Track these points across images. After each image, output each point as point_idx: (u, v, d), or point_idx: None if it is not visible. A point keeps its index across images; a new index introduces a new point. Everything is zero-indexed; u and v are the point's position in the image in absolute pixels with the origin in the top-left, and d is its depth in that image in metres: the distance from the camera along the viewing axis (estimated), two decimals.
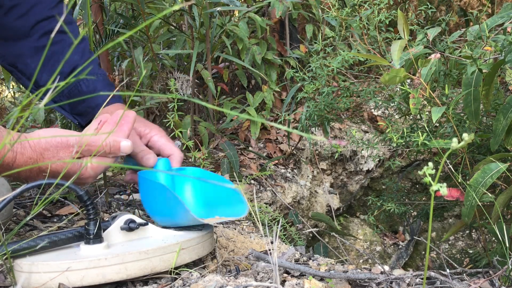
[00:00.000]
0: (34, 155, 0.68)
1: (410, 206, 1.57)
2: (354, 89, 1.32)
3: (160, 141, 0.90)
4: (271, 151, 1.93)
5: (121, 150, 0.74)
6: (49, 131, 0.71)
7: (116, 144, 0.74)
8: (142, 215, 1.12)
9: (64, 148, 0.70)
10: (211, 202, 0.87)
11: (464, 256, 2.11)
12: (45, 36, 0.93)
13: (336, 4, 1.23)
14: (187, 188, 0.90)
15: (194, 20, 1.66)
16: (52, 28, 0.93)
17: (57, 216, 1.08)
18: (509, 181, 0.95)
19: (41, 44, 0.93)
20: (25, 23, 0.92)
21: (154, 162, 0.85)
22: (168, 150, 0.90)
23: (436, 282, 0.70)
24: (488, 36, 0.97)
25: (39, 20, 0.93)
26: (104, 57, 1.85)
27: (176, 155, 0.89)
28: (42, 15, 0.93)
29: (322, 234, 1.94)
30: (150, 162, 0.85)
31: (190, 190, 0.90)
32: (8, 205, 0.65)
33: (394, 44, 0.96)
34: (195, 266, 0.79)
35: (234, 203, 0.83)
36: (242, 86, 2.14)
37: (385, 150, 2.28)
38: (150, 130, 0.91)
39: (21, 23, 0.91)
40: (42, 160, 0.69)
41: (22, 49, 0.92)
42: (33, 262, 0.64)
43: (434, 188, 0.42)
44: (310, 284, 0.68)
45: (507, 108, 0.87)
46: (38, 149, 0.68)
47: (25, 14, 0.92)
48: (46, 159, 0.69)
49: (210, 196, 0.88)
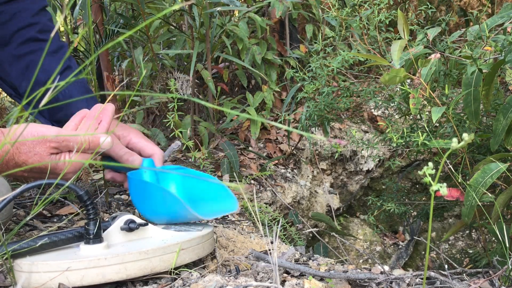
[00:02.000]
0: (10, 149, 0.68)
1: (410, 206, 1.57)
2: (354, 89, 1.32)
3: (140, 142, 0.90)
4: (271, 151, 1.93)
5: (101, 146, 0.74)
6: (29, 125, 0.70)
7: (96, 140, 0.73)
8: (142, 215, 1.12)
9: (41, 142, 0.69)
10: (198, 198, 0.88)
11: (464, 256, 2.11)
12: (24, 44, 0.92)
13: (336, 4, 1.23)
14: (172, 186, 0.91)
15: (194, 20, 1.66)
16: (32, 36, 0.92)
17: (57, 216, 1.08)
18: (509, 181, 0.95)
19: (20, 53, 0.92)
20: (6, 31, 0.90)
21: (140, 162, 0.85)
22: (149, 150, 0.90)
23: (436, 282, 0.70)
24: (488, 36, 0.97)
25: (20, 27, 0.91)
26: (104, 57, 1.85)
27: (158, 154, 0.90)
28: (24, 22, 0.92)
29: (322, 234, 1.94)
30: (136, 163, 0.85)
31: (176, 188, 0.91)
32: (8, 205, 0.65)
33: (394, 44, 0.96)
34: (195, 266, 0.79)
35: (223, 199, 0.84)
36: (242, 86, 2.14)
37: (385, 150, 2.28)
38: (129, 132, 0.91)
39: (2, 31, 0.90)
40: (18, 154, 0.68)
41: (1, 57, 0.91)
42: (33, 262, 0.64)
43: (434, 188, 0.42)
44: (310, 284, 0.68)
45: (507, 108, 0.87)
46: (15, 143, 0.68)
47: (7, 21, 0.90)
48: (22, 153, 0.68)
49: (198, 193, 0.88)
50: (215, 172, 1.58)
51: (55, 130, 0.71)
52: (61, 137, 0.69)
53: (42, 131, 0.69)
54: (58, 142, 0.70)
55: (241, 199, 1.38)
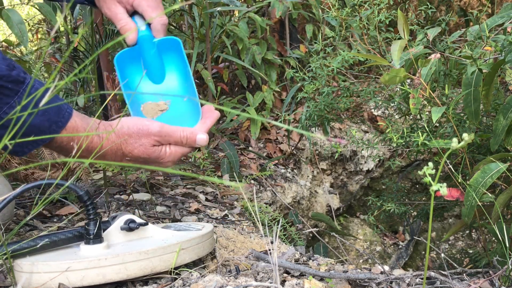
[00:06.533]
0: (118, 140, 0.73)
1: (410, 206, 1.57)
2: (354, 89, 1.32)
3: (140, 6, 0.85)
4: (271, 151, 1.93)
5: (196, 143, 0.79)
6: (131, 118, 0.76)
7: (193, 137, 0.78)
8: (142, 215, 1.12)
9: (145, 135, 0.75)
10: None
11: (464, 256, 2.11)
12: None
13: (336, 4, 1.23)
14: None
15: (194, 20, 1.66)
16: None
17: (57, 216, 1.08)
18: (509, 181, 0.95)
19: None
20: None
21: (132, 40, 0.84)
22: (147, 17, 0.85)
23: (436, 282, 0.70)
24: (488, 36, 0.97)
25: None
26: (104, 57, 1.85)
27: (155, 24, 0.85)
28: None
29: (322, 234, 1.94)
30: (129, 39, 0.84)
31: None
32: (9, 205, 0.65)
33: (394, 44, 0.96)
34: (195, 266, 0.79)
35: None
36: (242, 86, 2.14)
37: (385, 150, 2.28)
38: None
39: None
40: (125, 145, 0.74)
41: None
42: (33, 262, 0.64)
43: (434, 188, 0.42)
44: (310, 284, 0.68)
45: (507, 108, 0.87)
46: (121, 135, 0.74)
47: None
48: (129, 144, 0.74)
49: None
50: (215, 172, 1.58)
51: (158, 124, 0.76)
52: (163, 131, 0.75)
53: (147, 125, 0.75)
54: (161, 136, 0.75)
55: (241, 199, 1.38)
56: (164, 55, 0.87)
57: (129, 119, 0.76)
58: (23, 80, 0.63)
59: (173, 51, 0.87)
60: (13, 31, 1.12)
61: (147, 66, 0.86)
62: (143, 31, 0.85)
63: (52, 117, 0.66)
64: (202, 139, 0.79)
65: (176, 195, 1.33)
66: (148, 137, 0.75)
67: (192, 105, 0.85)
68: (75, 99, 2.01)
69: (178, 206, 1.25)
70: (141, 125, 0.75)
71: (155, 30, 0.86)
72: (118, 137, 0.74)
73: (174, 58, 0.87)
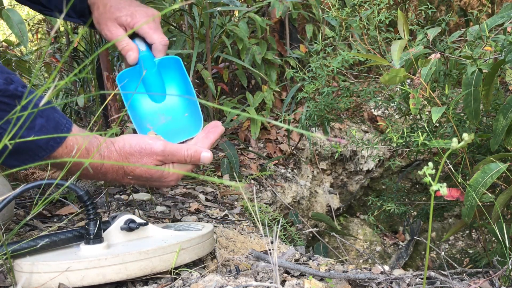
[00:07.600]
0: (120, 159, 0.72)
1: (410, 206, 1.57)
2: (354, 89, 1.32)
3: (141, 28, 0.86)
4: (271, 151, 1.93)
5: (200, 161, 0.78)
6: (134, 136, 0.74)
7: (197, 155, 0.77)
8: (142, 215, 1.12)
9: (148, 155, 0.73)
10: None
11: (464, 256, 2.11)
12: None
13: (336, 4, 1.23)
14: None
15: (194, 20, 1.67)
16: None
17: (57, 216, 1.08)
18: (509, 181, 0.95)
19: None
20: None
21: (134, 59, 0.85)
22: (149, 39, 0.87)
23: (436, 282, 0.70)
24: (488, 36, 0.97)
25: None
26: (104, 57, 1.85)
27: (157, 44, 0.86)
28: None
29: (322, 234, 1.94)
30: (131, 59, 0.84)
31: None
32: (9, 205, 0.65)
33: (394, 44, 0.96)
34: (195, 266, 0.79)
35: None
36: (242, 86, 2.14)
37: (385, 150, 2.28)
38: (132, 18, 0.86)
39: None
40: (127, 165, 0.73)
41: None
42: (33, 262, 0.64)
43: (434, 188, 0.42)
44: (310, 284, 0.68)
45: (507, 108, 0.87)
46: (123, 153, 0.72)
47: None
48: (131, 163, 0.73)
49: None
50: (215, 172, 1.58)
51: (162, 143, 0.74)
52: (167, 151, 0.74)
53: (150, 144, 0.73)
54: (164, 155, 0.74)
55: (241, 199, 1.38)
56: (164, 74, 0.88)
57: (132, 136, 0.74)
58: (21, 94, 0.61)
59: (174, 70, 0.88)
60: (13, 31, 1.12)
61: (148, 85, 0.87)
62: (143, 51, 0.86)
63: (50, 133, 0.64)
64: (207, 157, 0.77)
65: (176, 195, 1.33)
66: (150, 157, 0.73)
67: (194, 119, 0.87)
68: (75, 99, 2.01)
69: (178, 206, 1.25)
70: (144, 143, 0.73)
71: (157, 50, 0.87)
72: (120, 155, 0.72)
73: (174, 76, 0.89)
